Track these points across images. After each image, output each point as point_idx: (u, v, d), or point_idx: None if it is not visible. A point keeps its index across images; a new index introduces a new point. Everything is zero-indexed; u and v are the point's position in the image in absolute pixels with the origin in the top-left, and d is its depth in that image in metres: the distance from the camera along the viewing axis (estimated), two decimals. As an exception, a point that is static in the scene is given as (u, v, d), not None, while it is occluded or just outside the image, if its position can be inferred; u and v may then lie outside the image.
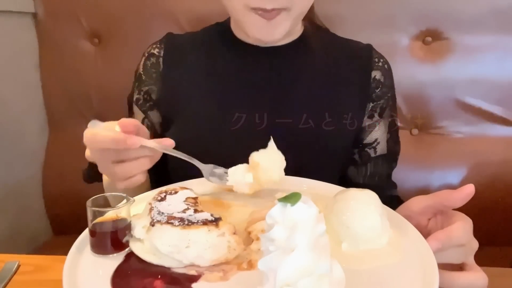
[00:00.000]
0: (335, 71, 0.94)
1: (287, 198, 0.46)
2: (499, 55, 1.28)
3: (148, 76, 0.97)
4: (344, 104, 0.93)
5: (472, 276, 0.60)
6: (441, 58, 1.29)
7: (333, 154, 0.93)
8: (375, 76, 0.95)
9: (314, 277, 0.44)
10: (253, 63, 0.93)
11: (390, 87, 0.97)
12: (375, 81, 0.95)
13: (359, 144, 0.96)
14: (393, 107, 0.98)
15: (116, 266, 0.56)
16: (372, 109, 0.95)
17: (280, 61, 0.92)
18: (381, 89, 0.95)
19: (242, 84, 0.92)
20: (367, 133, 0.95)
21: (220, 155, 0.76)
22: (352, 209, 0.60)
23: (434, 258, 0.55)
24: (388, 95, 0.96)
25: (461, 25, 1.27)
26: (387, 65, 0.97)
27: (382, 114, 0.96)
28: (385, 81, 0.95)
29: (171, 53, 0.97)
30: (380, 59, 0.97)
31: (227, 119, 0.89)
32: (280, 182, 0.73)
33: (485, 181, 1.28)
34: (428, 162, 1.32)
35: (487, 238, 1.33)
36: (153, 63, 0.97)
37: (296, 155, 0.74)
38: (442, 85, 1.30)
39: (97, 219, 0.59)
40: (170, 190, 0.66)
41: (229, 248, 0.57)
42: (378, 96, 0.95)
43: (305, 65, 0.93)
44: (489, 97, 1.29)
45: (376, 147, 0.96)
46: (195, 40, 0.99)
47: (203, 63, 0.95)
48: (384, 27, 1.30)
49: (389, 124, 0.97)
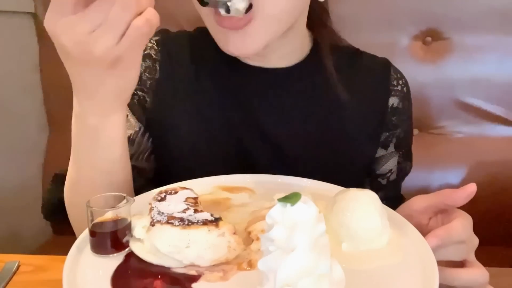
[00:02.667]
0: (346, 96, 0.85)
1: (287, 198, 0.46)
2: (499, 55, 1.28)
3: (143, 81, 0.85)
4: (354, 134, 0.86)
5: (474, 272, 0.60)
6: (441, 58, 1.29)
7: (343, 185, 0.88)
8: (392, 104, 0.87)
9: (314, 277, 0.44)
10: (252, 87, 0.83)
11: (407, 111, 0.90)
12: (392, 109, 0.87)
13: (371, 173, 0.92)
14: (409, 134, 0.92)
15: (116, 266, 0.56)
16: (387, 138, 0.88)
17: (281, 86, 0.83)
18: (398, 117, 0.88)
19: (237, 106, 0.83)
20: (380, 164, 0.90)
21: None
22: (352, 209, 0.60)
23: (434, 258, 0.55)
24: (405, 123, 0.90)
25: (461, 25, 1.27)
26: (406, 87, 0.90)
27: (399, 145, 0.90)
28: (403, 107, 0.89)
29: (167, 57, 0.86)
30: (399, 81, 0.89)
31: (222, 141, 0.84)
32: (280, 182, 0.73)
33: (485, 181, 1.28)
34: (428, 162, 1.32)
35: (487, 238, 1.33)
36: (150, 68, 0.85)
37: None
38: (442, 85, 1.29)
39: (97, 219, 0.59)
40: (170, 190, 0.66)
41: (229, 248, 0.57)
42: (394, 125, 0.88)
43: (310, 90, 0.85)
44: (489, 97, 1.29)
45: (389, 177, 0.91)
46: (190, 45, 0.88)
47: (197, 78, 0.85)
48: (384, 27, 1.30)
49: (404, 154, 0.92)
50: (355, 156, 0.87)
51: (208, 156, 0.84)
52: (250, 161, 0.84)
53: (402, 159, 0.93)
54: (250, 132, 0.84)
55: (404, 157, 0.93)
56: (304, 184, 0.77)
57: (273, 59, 0.82)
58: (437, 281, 0.51)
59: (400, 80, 0.90)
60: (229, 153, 0.84)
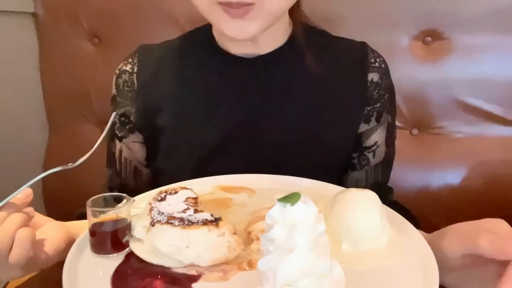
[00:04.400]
0: (328, 76, 0.89)
1: (286, 198, 0.46)
2: (499, 55, 1.27)
3: (123, 96, 0.91)
4: (339, 110, 0.89)
5: None
6: (441, 58, 1.29)
7: (329, 163, 0.90)
8: (372, 78, 0.91)
9: (314, 277, 0.44)
10: (238, 76, 0.87)
11: (388, 89, 0.94)
12: (372, 84, 0.91)
13: (359, 148, 0.93)
14: (391, 109, 0.95)
15: (116, 266, 0.56)
16: (369, 113, 0.91)
17: (266, 71, 0.87)
18: (378, 92, 0.91)
19: (226, 97, 0.87)
20: (365, 137, 0.92)
21: (215, 171, 0.76)
22: (352, 209, 0.60)
23: (434, 258, 0.55)
24: (385, 97, 0.93)
25: (461, 25, 1.27)
26: (384, 64, 0.93)
27: (380, 118, 0.92)
28: (382, 83, 0.92)
29: (146, 68, 0.91)
30: (376, 59, 0.93)
31: (214, 133, 0.87)
32: (280, 182, 0.73)
33: (485, 181, 1.28)
34: (428, 162, 1.32)
35: (487, 238, 1.34)
36: (126, 81, 0.91)
37: (287, 167, 0.74)
38: (442, 85, 1.29)
39: (97, 219, 0.59)
40: (170, 190, 0.66)
41: (229, 248, 0.57)
42: (374, 100, 0.91)
43: (294, 73, 0.89)
44: (489, 97, 1.28)
45: (375, 150, 0.93)
46: (173, 50, 0.93)
47: (182, 76, 0.90)
48: (384, 27, 1.30)
49: (387, 127, 0.94)
50: (339, 133, 0.89)
51: (197, 148, 0.87)
52: (232, 148, 0.87)
53: (387, 141, 0.94)
54: (234, 120, 0.87)
55: (390, 142, 0.95)
56: (304, 184, 0.77)
57: (260, 43, 0.87)
58: (437, 281, 0.51)
59: (377, 58, 0.93)
60: (215, 143, 0.87)
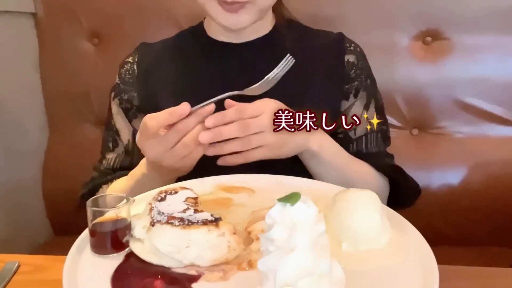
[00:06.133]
0: (309, 61, 0.96)
1: (286, 198, 0.46)
2: (499, 55, 1.28)
3: (125, 83, 1.01)
4: (320, 92, 0.95)
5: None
6: (441, 58, 1.29)
7: None
8: (348, 59, 0.97)
9: (314, 277, 0.44)
10: (226, 59, 0.97)
11: (364, 69, 0.99)
12: (349, 64, 0.97)
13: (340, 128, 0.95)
14: (371, 87, 0.99)
15: (116, 266, 0.56)
16: (347, 90, 0.96)
17: (253, 54, 0.96)
18: (355, 71, 0.97)
19: (215, 80, 0.95)
20: (346, 114, 0.95)
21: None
22: (352, 209, 0.60)
23: (434, 258, 0.55)
24: (362, 76, 0.98)
25: (461, 25, 1.27)
26: (359, 48, 1.00)
27: (357, 94, 0.97)
28: (358, 63, 0.98)
29: (145, 58, 1.01)
30: (351, 43, 0.99)
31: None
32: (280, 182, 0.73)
33: (485, 181, 1.28)
34: (428, 162, 1.32)
35: (488, 238, 1.34)
36: (127, 70, 1.01)
37: None
38: (442, 85, 1.29)
39: (97, 219, 0.59)
40: (170, 190, 0.66)
41: (229, 248, 0.57)
42: (352, 78, 0.97)
43: (278, 58, 0.91)
44: (489, 97, 1.29)
45: (355, 128, 0.96)
46: (169, 45, 1.04)
47: (177, 65, 0.99)
48: (384, 27, 1.30)
49: (375, 102, 0.98)
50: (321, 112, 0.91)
51: None
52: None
53: (377, 116, 0.98)
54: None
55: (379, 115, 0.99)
56: (304, 184, 0.77)
57: (247, 33, 0.96)
58: (437, 281, 0.51)
59: (353, 43, 1.01)
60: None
